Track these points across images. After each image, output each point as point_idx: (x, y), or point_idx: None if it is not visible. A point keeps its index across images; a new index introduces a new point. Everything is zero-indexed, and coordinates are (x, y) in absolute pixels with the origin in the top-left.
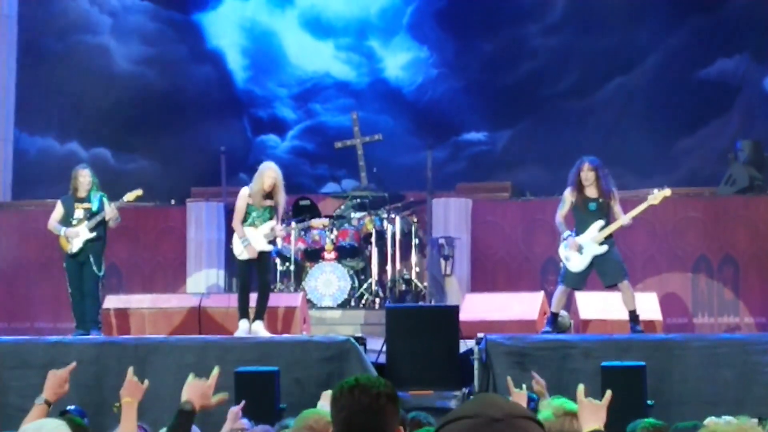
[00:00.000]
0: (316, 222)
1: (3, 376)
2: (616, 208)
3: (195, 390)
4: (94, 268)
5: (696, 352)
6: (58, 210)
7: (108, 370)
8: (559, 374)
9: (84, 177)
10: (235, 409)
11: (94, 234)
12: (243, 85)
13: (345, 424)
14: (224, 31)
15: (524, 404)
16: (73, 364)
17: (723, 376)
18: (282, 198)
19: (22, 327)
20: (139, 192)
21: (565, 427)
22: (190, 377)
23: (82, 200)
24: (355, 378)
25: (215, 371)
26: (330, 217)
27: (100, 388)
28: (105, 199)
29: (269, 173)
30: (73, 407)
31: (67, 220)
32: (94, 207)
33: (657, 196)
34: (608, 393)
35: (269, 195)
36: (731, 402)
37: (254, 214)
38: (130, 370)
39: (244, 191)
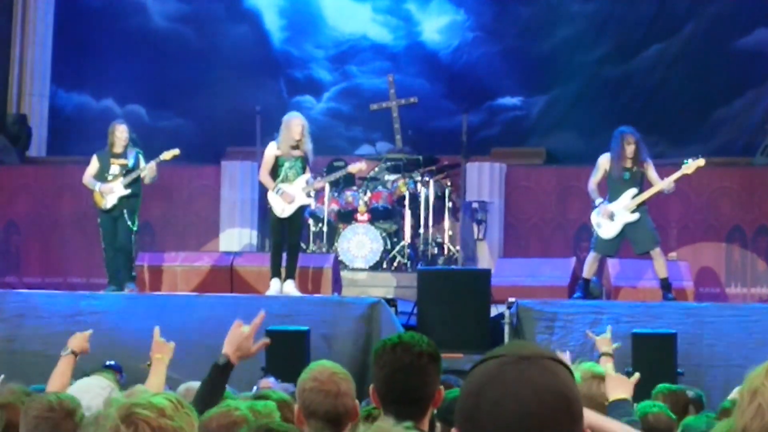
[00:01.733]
0: (354, 167)
1: (31, 325)
2: (653, 175)
3: (234, 339)
4: (129, 222)
5: (727, 320)
6: (94, 164)
7: (139, 324)
8: (589, 339)
9: (121, 132)
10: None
11: (128, 191)
12: (279, 46)
13: (386, 382)
14: None
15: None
16: (261, 315)
17: (754, 341)
18: (309, 147)
19: (55, 281)
20: (176, 151)
21: (593, 390)
22: (235, 324)
23: (118, 156)
24: (398, 335)
25: (258, 318)
26: (362, 174)
27: (131, 342)
28: (141, 156)
29: (296, 121)
30: (113, 362)
31: (102, 176)
32: (130, 163)
33: (691, 165)
34: (636, 375)
35: (297, 145)
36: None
37: (286, 165)
38: (156, 330)
39: (272, 145)
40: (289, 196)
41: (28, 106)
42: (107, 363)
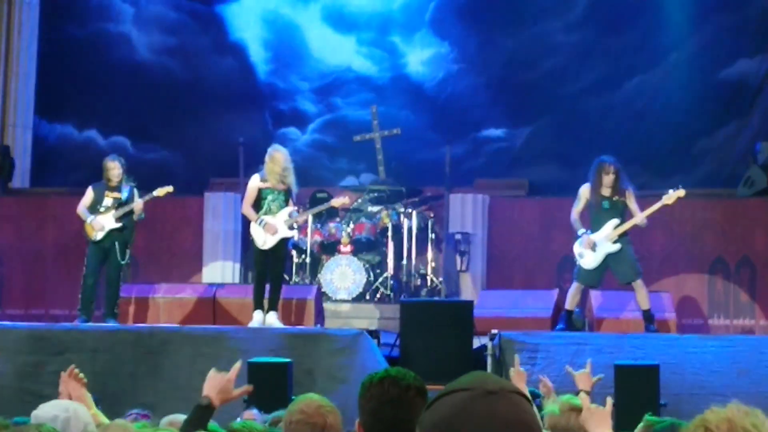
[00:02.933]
0: (337, 201)
1: (18, 361)
2: (633, 206)
3: (214, 384)
4: (119, 256)
5: (710, 351)
6: (89, 196)
7: (123, 357)
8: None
9: (112, 168)
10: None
11: (119, 224)
12: (265, 78)
13: (373, 415)
14: (247, 23)
15: (524, 383)
16: (239, 363)
17: (736, 371)
18: (293, 180)
19: (38, 313)
20: (169, 188)
21: (571, 422)
22: (212, 371)
23: (112, 189)
24: (385, 370)
25: (237, 365)
26: (345, 207)
27: (115, 375)
28: (136, 191)
29: (280, 154)
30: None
31: (95, 207)
32: (123, 197)
33: (671, 196)
34: (609, 400)
35: (280, 178)
36: (743, 396)
37: (269, 197)
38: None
39: (255, 177)
40: (272, 228)
41: (11, 137)
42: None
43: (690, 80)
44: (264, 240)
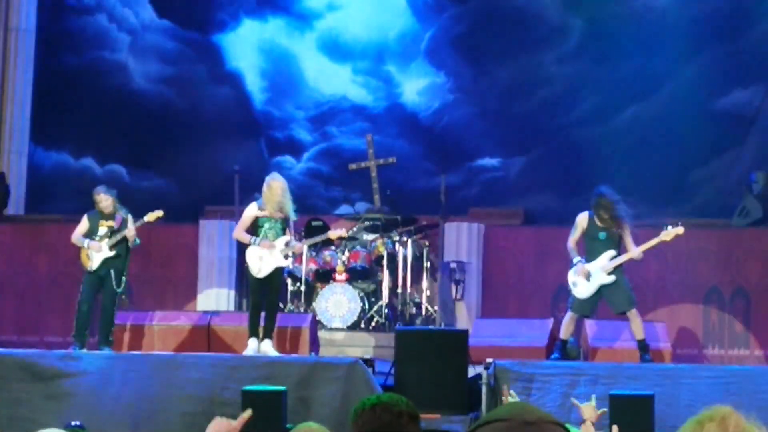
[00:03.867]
0: (334, 233)
1: (13, 388)
2: (628, 239)
3: (219, 430)
4: (114, 284)
5: (704, 381)
6: (84, 224)
7: (116, 384)
8: (566, 401)
9: (100, 201)
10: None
11: (113, 252)
12: (261, 107)
13: None
14: (243, 52)
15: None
16: (248, 413)
17: (731, 402)
18: (291, 209)
19: (32, 340)
20: (159, 213)
21: None
22: (216, 419)
23: (106, 217)
24: (377, 396)
25: (246, 414)
26: (342, 238)
27: (108, 402)
28: (130, 217)
29: (277, 183)
30: (77, 423)
31: (90, 236)
32: (117, 225)
33: (670, 233)
34: (615, 428)
35: (279, 206)
36: None
37: (266, 225)
38: None
39: (253, 205)
40: (268, 243)
41: (6, 163)
42: (72, 423)
43: (685, 110)
44: (259, 268)
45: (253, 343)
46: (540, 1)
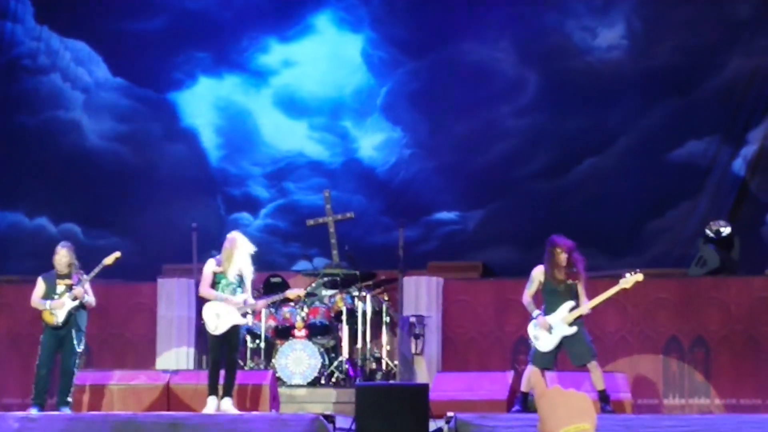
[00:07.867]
0: (292, 293)
1: None
2: (581, 291)
3: None
4: (75, 342)
5: (665, 431)
6: (40, 287)
7: None
8: None
9: (61, 257)
10: None
11: (77, 302)
12: (217, 164)
13: None
14: (199, 109)
15: None
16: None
17: None
18: (250, 268)
19: None
20: (117, 254)
21: None
22: None
23: (62, 277)
24: None
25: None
26: (300, 298)
27: None
28: (84, 276)
29: (239, 241)
30: None
31: (49, 297)
32: (74, 282)
33: (629, 280)
34: None
35: (238, 263)
36: None
37: (223, 282)
38: None
39: (211, 261)
40: (231, 301)
41: None
42: None
43: (640, 162)
44: (216, 325)
45: (212, 401)
46: (495, 56)
